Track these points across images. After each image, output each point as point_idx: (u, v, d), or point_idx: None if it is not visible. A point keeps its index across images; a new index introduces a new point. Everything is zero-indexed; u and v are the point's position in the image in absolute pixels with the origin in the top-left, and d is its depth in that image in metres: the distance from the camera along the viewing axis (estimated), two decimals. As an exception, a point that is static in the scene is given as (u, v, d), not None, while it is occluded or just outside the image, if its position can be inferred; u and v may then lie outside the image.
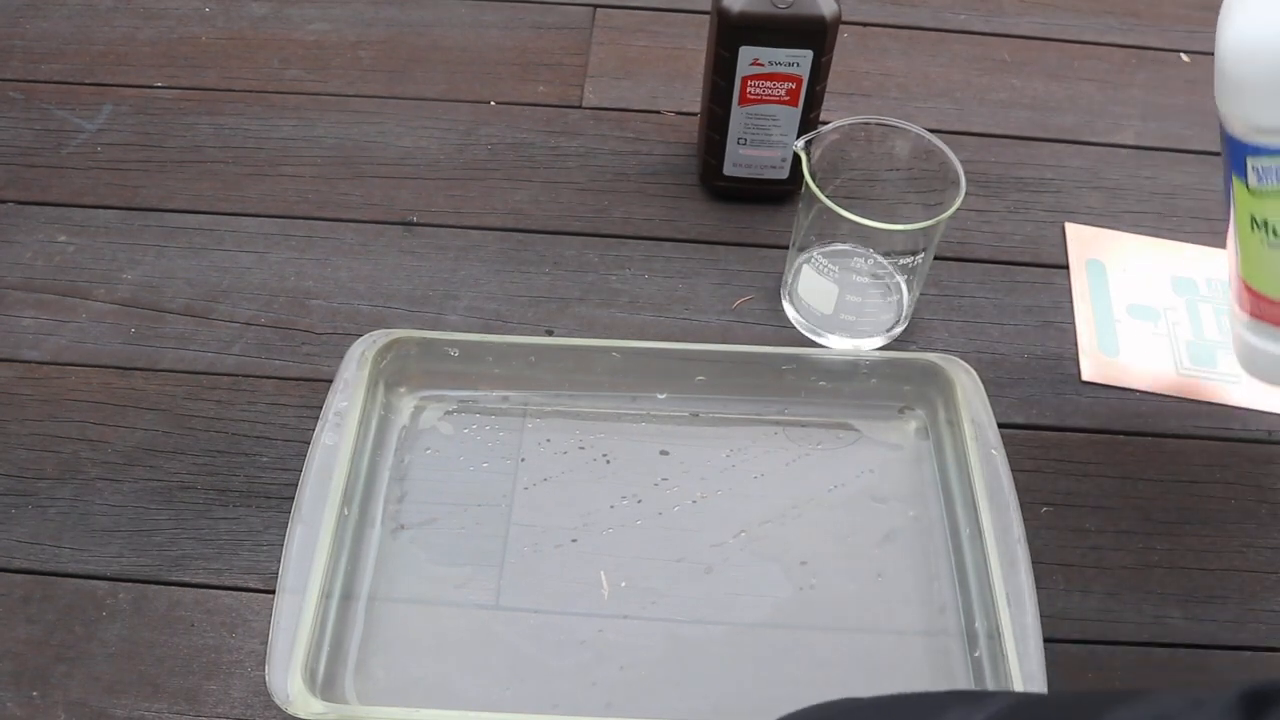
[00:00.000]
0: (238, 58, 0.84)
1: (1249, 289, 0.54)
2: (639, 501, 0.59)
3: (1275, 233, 0.51)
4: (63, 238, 0.71)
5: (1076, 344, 0.68)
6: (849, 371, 0.62)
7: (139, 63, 0.83)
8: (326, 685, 0.50)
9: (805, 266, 0.66)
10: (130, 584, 0.56)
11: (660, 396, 0.62)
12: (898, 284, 0.67)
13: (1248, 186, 0.51)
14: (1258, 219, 0.52)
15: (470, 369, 0.62)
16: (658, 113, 0.81)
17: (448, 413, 0.62)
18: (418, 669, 0.53)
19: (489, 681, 0.53)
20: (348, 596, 0.54)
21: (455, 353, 0.61)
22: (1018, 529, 0.54)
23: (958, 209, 0.60)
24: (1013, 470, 0.56)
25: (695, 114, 0.76)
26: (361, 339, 0.60)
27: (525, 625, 0.54)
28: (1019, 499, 0.55)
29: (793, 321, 0.68)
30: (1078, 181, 0.78)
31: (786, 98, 0.68)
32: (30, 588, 0.56)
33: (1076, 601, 0.58)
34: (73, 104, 0.80)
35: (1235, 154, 0.51)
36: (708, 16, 0.67)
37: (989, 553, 0.53)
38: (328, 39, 0.86)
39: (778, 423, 0.62)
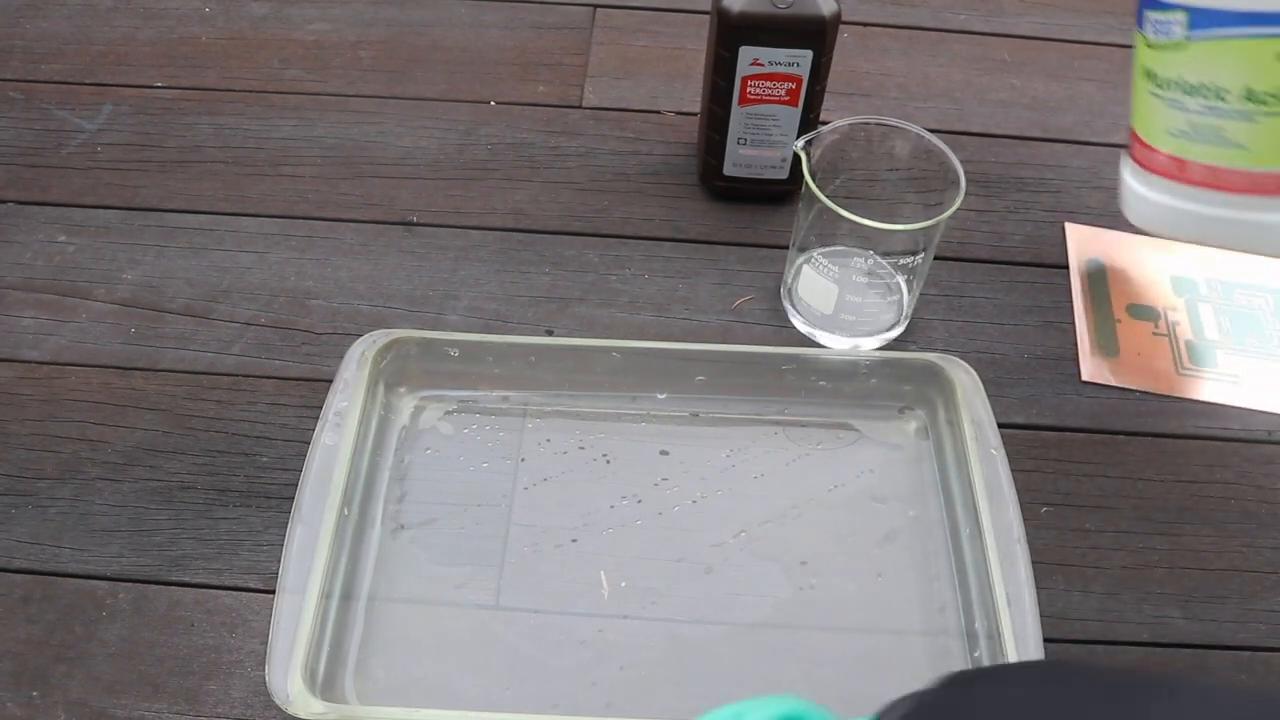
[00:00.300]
0: (238, 58, 0.84)
1: (1134, 135, 0.62)
2: (639, 501, 0.59)
3: (1160, 84, 0.58)
4: (63, 238, 0.71)
5: (1076, 344, 0.68)
6: (849, 371, 0.62)
7: (139, 63, 0.83)
8: (326, 685, 0.50)
9: (805, 266, 0.66)
10: (130, 584, 0.56)
11: (660, 396, 0.62)
12: (898, 284, 0.67)
13: (1146, 40, 0.58)
14: (1149, 69, 0.58)
15: (470, 369, 0.62)
16: (658, 113, 0.81)
17: (448, 413, 0.62)
18: (418, 669, 0.53)
19: (489, 681, 0.53)
20: (348, 596, 0.54)
21: (455, 353, 0.61)
22: (1018, 529, 0.54)
23: (958, 209, 0.60)
24: (1013, 470, 0.56)
25: (695, 114, 0.76)
26: (361, 339, 0.60)
27: (525, 625, 0.54)
28: (1019, 499, 0.55)
29: (793, 321, 0.68)
30: (1078, 181, 0.78)
31: (786, 98, 0.68)
32: (30, 588, 0.56)
33: (1076, 601, 0.58)
34: (73, 104, 0.80)
35: (1141, 9, 0.58)
36: (708, 16, 0.67)
37: (989, 552, 0.53)
38: (328, 39, 0.86)
39: (778, 423, 0.62)
